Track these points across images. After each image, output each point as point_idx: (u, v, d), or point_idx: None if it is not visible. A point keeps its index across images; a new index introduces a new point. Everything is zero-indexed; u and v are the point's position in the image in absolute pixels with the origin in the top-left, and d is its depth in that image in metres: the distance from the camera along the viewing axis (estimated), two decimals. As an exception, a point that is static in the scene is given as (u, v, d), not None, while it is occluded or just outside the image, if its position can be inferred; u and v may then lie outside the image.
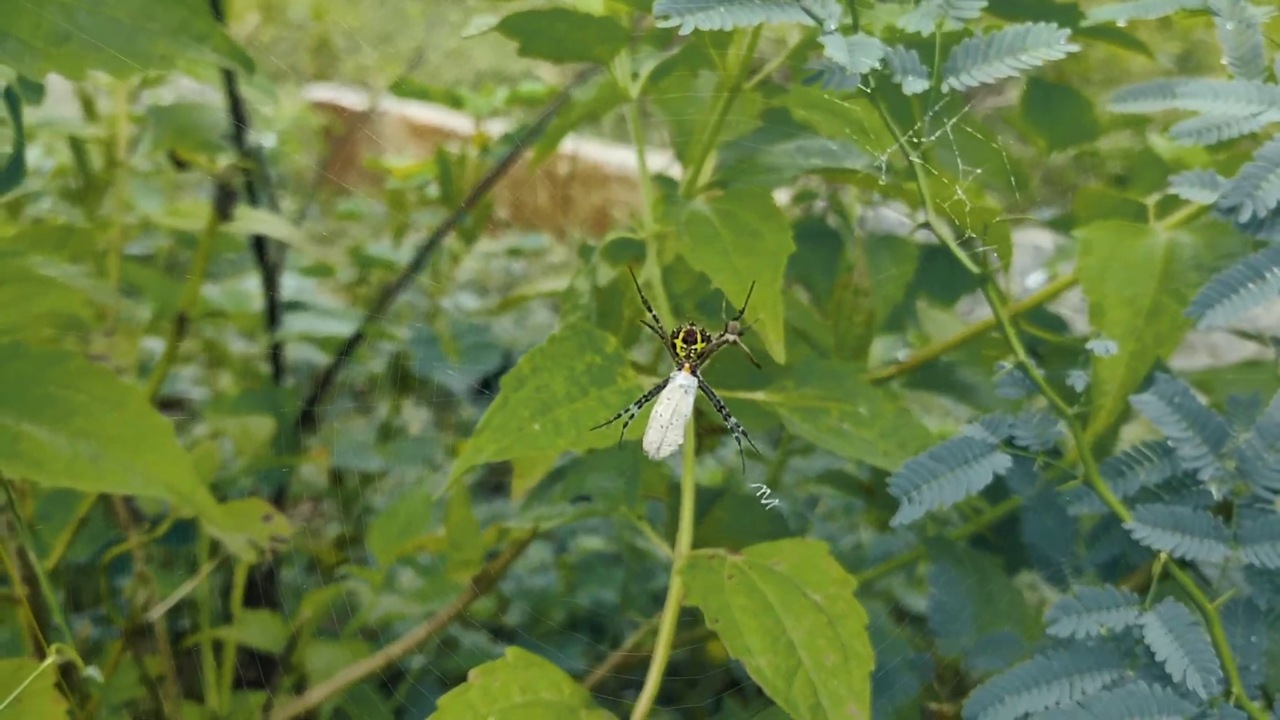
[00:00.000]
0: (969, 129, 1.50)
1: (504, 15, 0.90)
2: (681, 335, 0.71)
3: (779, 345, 0.82)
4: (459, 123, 4.58)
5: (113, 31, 0.83)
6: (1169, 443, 0.77)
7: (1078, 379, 0.75)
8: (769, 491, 0.81)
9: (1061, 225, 1.40)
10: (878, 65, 0.75)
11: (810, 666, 0.76)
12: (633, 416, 0.74)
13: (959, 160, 1.52)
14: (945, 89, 0.81)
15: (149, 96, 1.85)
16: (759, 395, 0.95)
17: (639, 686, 0.87)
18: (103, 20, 0.83)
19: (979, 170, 1.52)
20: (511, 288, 3.82)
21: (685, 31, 0.68)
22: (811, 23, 0.77)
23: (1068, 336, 1.33)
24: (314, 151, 4.69)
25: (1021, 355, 0.77)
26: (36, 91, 0.99)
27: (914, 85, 0.80)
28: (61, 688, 0.90)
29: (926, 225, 0.80)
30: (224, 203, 1.21)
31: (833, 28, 0.76)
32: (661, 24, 0.69)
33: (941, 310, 1.47)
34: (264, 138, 4.22)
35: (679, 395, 0.70)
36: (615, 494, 0.97)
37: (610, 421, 0.78)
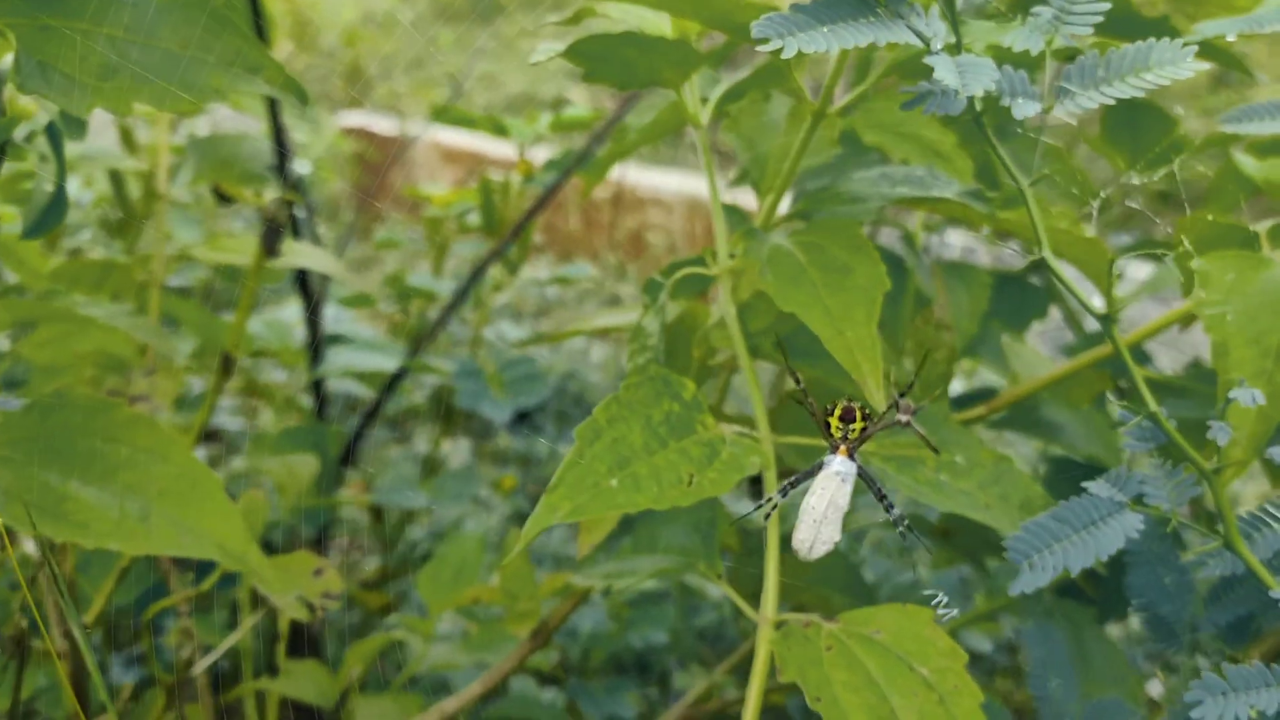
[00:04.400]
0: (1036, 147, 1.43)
1: (572, 40, 0.84)
2: (838, 413, 0.65)
3: (879, 393, 0.75)
4: (492, 148, 4.55)
5: (165, 64, 0.78)
6: (1317, 501, 0.70)
7: (1220, 432, 0.68)
8: (947, 610, 0.74)
9: (1146, 250, 1.33)
10: (992, 88, 0.68)
11: (924, 751, 0.69)
12: (775, 507, 0.67)
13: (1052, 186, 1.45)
14: (1061, 111, 0.74)
15: (187, 127, 1.81)
16: (847, 443, 0.88)
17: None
18: (155, 53, 0.78)
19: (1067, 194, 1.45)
20: (547, 312, 3.77)
21: (788, 55, 0.62)
22: (905, 41, 0.71)
23: (1153, 372, 1.25)
24: (348, 178, 4.67)
25: (1153, 405, 0.70)
26: (79, 127, 0.94)
27: (1026, 109, 0.73)
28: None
29: (1042, 262, 0.73)
30: (271, 239, 1.16)
31: (939, 47, 0.70)
32: (761, 48, 0.62)
33: (1014, 339, 1.40)
34: (300, 165, 4.21)
35: (834, 484, 0.63)
36: (692, 550, 0.90)
37: (751, 513, 0.71)
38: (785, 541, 1.26)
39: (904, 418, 0.65)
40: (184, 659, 1.19)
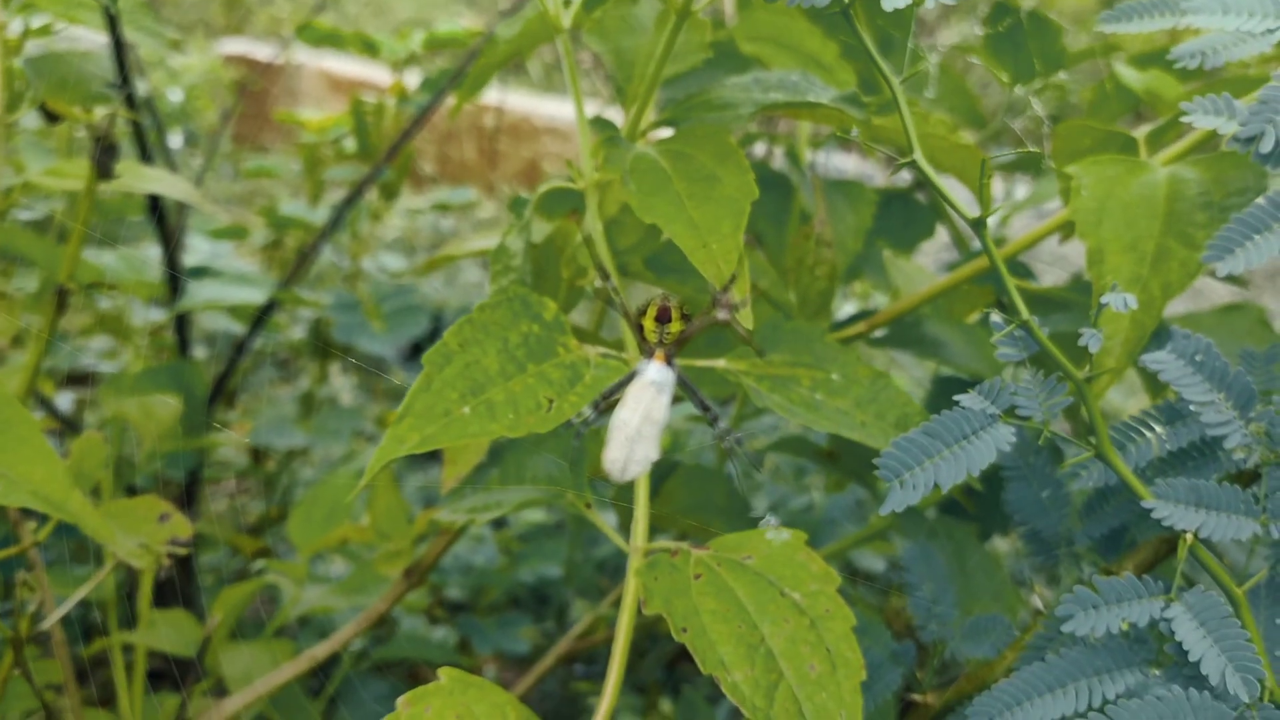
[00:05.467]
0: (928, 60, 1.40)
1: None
2: (651, 313, 0.59)
3: (745, 306, 0.71)
4: (381, 75, 4.38)
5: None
6: (1192, 408, 0.68)
7: (1091, 339, 0.65)
8: (773, 519, 0.70)
9: (1029, 164, 1.31)
10: (857, -26, 0.63)
11: (793, 679, 0.66)
12: (586, 425, 0.62)
13: (926, 94, 1.42)
14: (931, 4, 0.70)
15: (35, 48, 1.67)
16: (719, 363, 0.84)
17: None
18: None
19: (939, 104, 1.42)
20: (441, 245, 3.66)
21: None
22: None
23: (1034, 285, 1.24)
24: (227, 107, 4.45)
25: (1025, 313, 0.67)
26: None
27: (894, 0, 0.69)
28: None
29: (912, 163, 0.69)
30: (103, 159, 1.06)
31: (802, -69, 0.64)
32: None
33: (900, 258, 1.37)
34: (171, 92, 3.97)
35: (649, 395, 0.57)
36: (560, 479, 0.86)
37: (568, 424, 0.65)
38: (670, 468, 1.23)
39: (723, 314, 0.60)
40: (29, 614, 1.11)
